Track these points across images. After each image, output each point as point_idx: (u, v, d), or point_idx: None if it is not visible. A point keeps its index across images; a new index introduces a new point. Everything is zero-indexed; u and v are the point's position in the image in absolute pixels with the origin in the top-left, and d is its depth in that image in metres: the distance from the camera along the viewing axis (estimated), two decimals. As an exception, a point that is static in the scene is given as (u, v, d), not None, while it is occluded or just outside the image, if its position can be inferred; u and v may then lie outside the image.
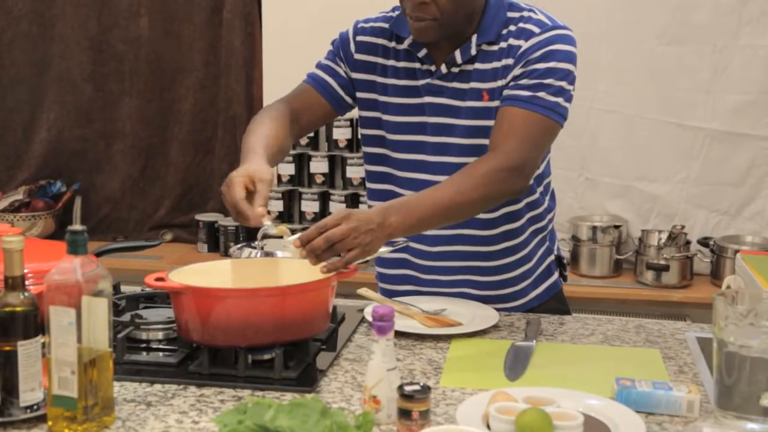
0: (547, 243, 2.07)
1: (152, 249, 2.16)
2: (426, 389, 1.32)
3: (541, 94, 1.80)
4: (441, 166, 1.92)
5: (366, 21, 2.02)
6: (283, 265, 1.79)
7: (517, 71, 1.83)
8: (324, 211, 3.55)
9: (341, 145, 3.54)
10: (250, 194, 1.71)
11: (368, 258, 1.70)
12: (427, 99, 1.92)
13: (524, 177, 1.80)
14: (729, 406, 1.39)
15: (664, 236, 3.30)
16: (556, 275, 2.10)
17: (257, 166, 1.76)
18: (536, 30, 1.84)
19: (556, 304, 2.07)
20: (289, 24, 3.57)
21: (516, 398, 1.38)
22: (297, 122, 2.00)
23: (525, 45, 1.83)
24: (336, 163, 3.58)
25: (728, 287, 2.20)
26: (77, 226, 1.34)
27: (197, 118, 3.78)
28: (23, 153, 3.90)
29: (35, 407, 1.37)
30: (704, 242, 3.34)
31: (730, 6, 3.26)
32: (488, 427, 1.33)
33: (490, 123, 1.87)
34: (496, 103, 1.86)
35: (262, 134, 1.88)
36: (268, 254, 1.87)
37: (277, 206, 3.57)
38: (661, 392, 1.44)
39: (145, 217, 3.89)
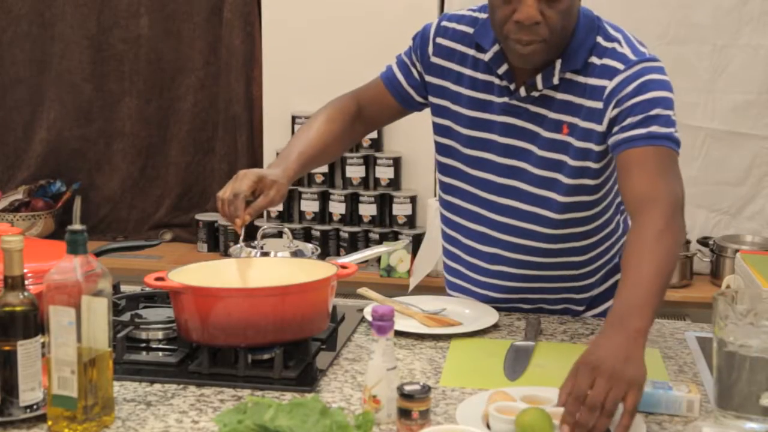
0: (616, 260, 1.96)
1: (152, 249, 2.16)
2: (426, 389, 1.32)
3: (653, 128, 1.68)
4: (509, 190, 1.85)
5: (450, 19, 1.89)
6: (283, 265, 1.79)
7: (612, 113, 1.72)
8: (324, 211, 3.55)
9: (341, 144, 3.53)
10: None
11: (364, 259, 1.68)
12: (503, 118, 1.82)
13: (683, 212, 1.65)
14: (729, 405, 1.39)
15: (664, 236, 3.29)
16: None
17: (277, 180, 1.76)
18: (620, 67, 1.73)
19: None
20: (289, 24, 3.57)
21: (515, 398, 1.38)
22: (362, 117, 1.98)
23: (610, 85, 1.73)
24: (336, 163, 3.57)
25: (728, 287, 2.21)
26: (77, 226, 1.34)
27: (197, 118, 3.78)
28: (23, 153, 3.90)
29: (35, 407, 1.37)
30: (704, 242, 3.34)
31: (730, 6, 3.26)
32: (488, 426, 1.33)
33: (564, 158, 1.78)
34: (576, 142, 1.77)
35: (305, 139, 1.88)
36: (267, 254, 1.87)
37: (277, 206, 3.56)
38: (661, 392, 1.44)
39: (144, 216, 3.89)
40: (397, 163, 3.50)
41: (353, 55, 3.40)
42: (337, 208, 3.53)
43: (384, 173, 3.49)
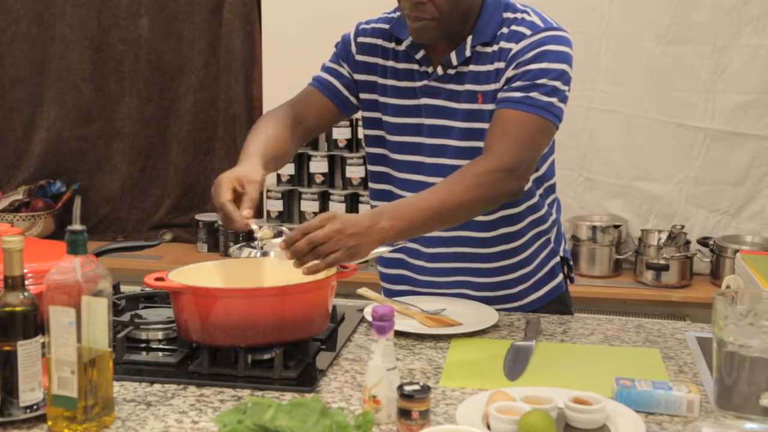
0: (552, 245, 2.05)
1: (152, 249, 2.16)
2: (426, 389, 1.32)
3: (533, 94, 1.78)
4: (437, 168, 1.92)
5: (367, 22, 2.02)
6: (282, 265, 1.79)
7: (509, 73, 1.82)
8: (324, 211, 3.54)
9: (341, 144, 3.54)
10: (238, 197, 1.71)
11: (364, 259, 1.69)
12: (424, 100, 1.92)
13: (519, 178, 1.77)
14: (729, 405, 1.40)
15: (664, 236, 3.30)
16: (560, 278, 2.08)
17: (247, 169, 1.76)
18: (527, 32, 1.83)
19: (557, 306, 2.05)
20: (289, 24, 3.57)
21: (515, 398, 1.38)
22: (301, 126, 2.00)
23: (516, 48, 1.82)
24: (336, 163, 3.57)
25: (728, 287, 2.21)
26: (77, 226, 1.34)
27: (197, 118, 3.78)
28: (23, 153, 3.90)
29: (35, 407, 1.37)
30: (704, 242, 3.34)
31: (730, 6, 3.26)
32: (488, 426, 1.33)
33: (484, 125, 1.86)
34: (490, 106, 1.86)
35: (259, 139, 1.89)
36: (267, 254, 1.87)
37: (277, 206, 3.57)
38: (660, 392, 1.44)
39: (144, 216, 3.89)
40: (397, 163, 3.49)
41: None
42: (337, 208, 3.53)
43: (384, 173, 3.49)
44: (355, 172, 3.51)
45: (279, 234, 2.01)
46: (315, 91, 2.02)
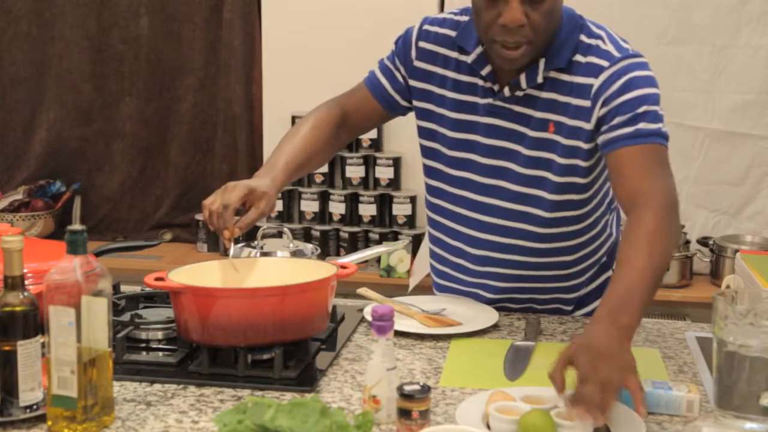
0: (604, 259, 1.97)
1: (152, 249, 2.16)
2: (426, 389, 1.32)
3: (641, 125, 1.69)
4: (493, 190, 1.85)
5: (432, 23, 1.90)
6: (283, 265, 1.79)
7: (600, 112, 1.72)
8: (324, 211, 3.55)
9: (341, 144, 3.53)
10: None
11: (364, 260, 1.65)
12: (487, 119, 1.83)
13: (678, 208, 1.67)
14: (728, 405, 1.40)
15: (664, 236, 3.29)
16: None
17: (264, 191, 1.75)
18: (605, 64, 1.74)
19: None
20: (289, 24, 3.57)
21: (515, 398, 1.38)
22: (347, 123, 1.97)
23: (596, 83, 1.73)
24: (335, 163, 3.57)
25: (728, 287, 2.21)
26: (77, 226, 1.34)
27: (197, 118, 3.78)
28: (23, 153, 3.90)
29: (35, 407, 1.37)
30: (704, 242, 3.34)
31: (730, 6, 3.26)
32: (488, 426, 1.33)
33: (552, 156, 1.78)
34: (561, 139, 1.77)
35: (291, 147, 1.88)
36: (266, 254, 1.87)
37: (277, 206, 3.57)
38: (660, 392, 1.44)
39: (144, 216, 3.89)
40: (397, 163, 3.50)
41: (353, 55, 3.39)
42: (337, 208, 3.53)
43: (384, 173, 3.50)
44: (355, 172, 3.51)
45: (279, 234, 2.01)
46: (365, 89, 1.97)
